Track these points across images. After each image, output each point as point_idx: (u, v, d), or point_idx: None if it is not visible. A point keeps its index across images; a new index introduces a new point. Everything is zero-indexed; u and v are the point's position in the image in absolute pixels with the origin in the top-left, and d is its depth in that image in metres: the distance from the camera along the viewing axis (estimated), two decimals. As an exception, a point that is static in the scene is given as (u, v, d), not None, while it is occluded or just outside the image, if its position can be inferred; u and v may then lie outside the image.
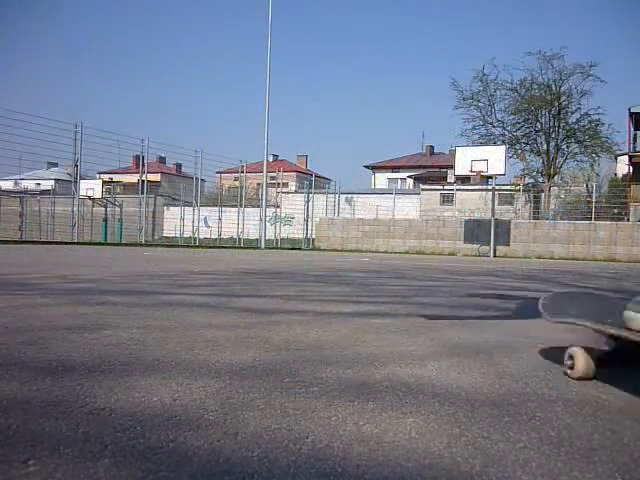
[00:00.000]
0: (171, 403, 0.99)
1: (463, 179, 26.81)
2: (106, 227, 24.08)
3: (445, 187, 34.57)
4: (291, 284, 4.07)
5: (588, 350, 1.25)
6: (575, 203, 26.14)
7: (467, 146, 21.71)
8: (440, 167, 45.98)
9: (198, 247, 19.27)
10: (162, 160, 42.33)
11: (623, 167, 32.18)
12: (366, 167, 55.09)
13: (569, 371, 1.26)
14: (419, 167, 49.85)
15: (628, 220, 21.68)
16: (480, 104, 29.02)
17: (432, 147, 55.21)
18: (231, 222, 23.48)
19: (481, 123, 29.31)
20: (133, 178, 27.09)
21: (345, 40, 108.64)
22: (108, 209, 24.89)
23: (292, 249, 20.13)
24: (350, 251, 19.20)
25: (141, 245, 18.37)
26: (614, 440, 0.87)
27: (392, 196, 24.84)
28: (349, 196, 30.50)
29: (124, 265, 6.11)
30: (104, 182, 26.65)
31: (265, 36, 20.44)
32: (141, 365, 1.27)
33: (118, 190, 33.78)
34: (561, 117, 28.44)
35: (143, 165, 20.61)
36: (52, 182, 33.55)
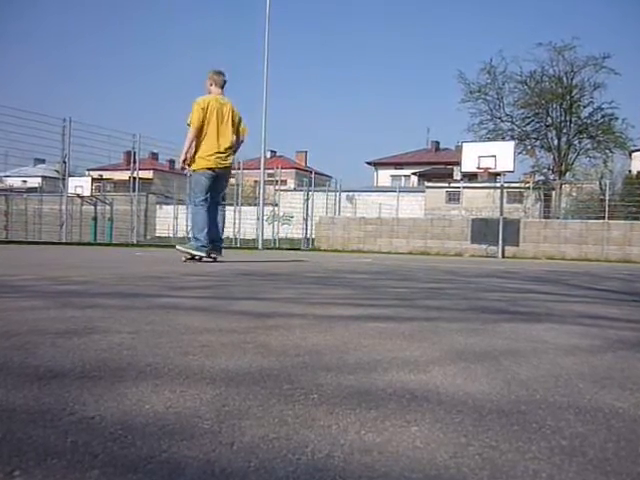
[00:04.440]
0: (164, 411, 0.99)
1: (470, 176, 26.80)
2: (96, 226, 24.09)
3: (451, 185, 34.59)
4: (290, 286, 4.07)
5: None
6: (587, 201, 26.15)
7: (474, 142, 21.74)
8: (446, 164, 46.02)
9: (192, 247, 19.23)
10: (154, 156, 42.33)
11: (638, 164, 32.17)
12: (368, 164, 55.16)
13: None
14: (424, 164, 49.89)
15: (643, 219, 21.62)
16: (488, 98, 29.09)
17: (437, 143, 55.28)
18: (227, 221, 23.47)
19: (489, 117, 29.39)
20: (124, 175, 27.08)
21: (346, 31, 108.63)
22: (98, 208, 24.90)
23: (291, 249, 20.14)
24: (352, 251, 19.20)
25: (132, 245, 18.37)
26: (629, 450, 0.87)
27: (395, 194, 24.86)
28: (350, 194, 30.52)
29: (115, 266, 6.11)
30: (94, 179, 26.65)
31: (263, 28, 20.46)
32: (133, 371, 1.27)
33: (108, 188, 33.79)
34: (573, 111, 28.45)
35: (135, 162, 20.60)
36: (39, 179, 33.57)
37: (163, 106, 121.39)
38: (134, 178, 20.66)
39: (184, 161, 6.92)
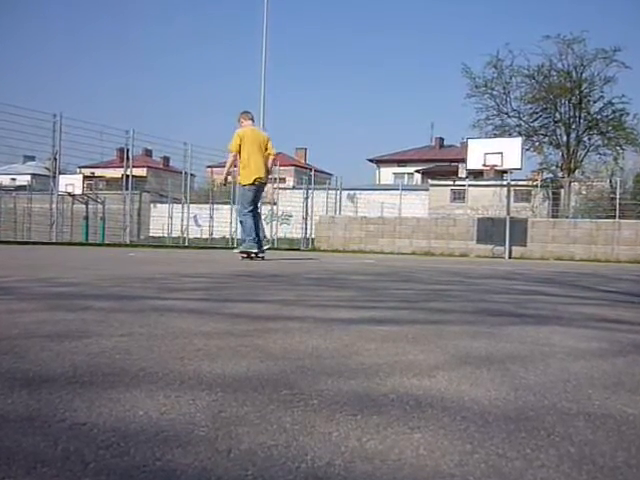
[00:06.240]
0: (158, 417, 0.99)
1: (476, 174, 26.77)
2: (87, 226, 24.06)
3: (456, 183, 34.59)
4: (289, 287, 4.08)
5: None
6: (597, 200, 26.10)
7: (480, 138, 21.73)
8: (451, 161, 46.00)
9: (188, 248, 19.28)
10: (148, 153, 42.32)
11: (650, 161, 32.09)
12: (370, 161, 55.17)
13: None
14: (428, 161, 49.87)
15: (655, 218, 21.60)
16: (494, 92, 29.04)
17: (442, 139, 55.24)
18: (224, 220, 23.46)
19: (495, 113, 29.34)
20: (117, 173, 27.08)
21: (346, 23, 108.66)
22: (90, 206, 24.86)
23: (290, 249, 20.14)
24: (353, 252, 19.20)
25: (126, 245, 18.36)
26: (640, 457, 0.87)
27: (398, 192, 24.84)
28: (352, 192, 30.53)
29: (107, 267, 6.12)
30: (85, 177, 26.60)
31: (261, 19, 20.48)
32: (126, 376, 1.27)
33: (100, 186, 33.79)
34: (582, 106, 28.38)
35: (128, 159, 20.57)
36: (29, 177, 33.54)
37: (158, 102, 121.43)
38: (127, 176, 20.62)
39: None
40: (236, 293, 3.52)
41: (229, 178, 9.62)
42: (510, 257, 17.24)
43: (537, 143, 29.41)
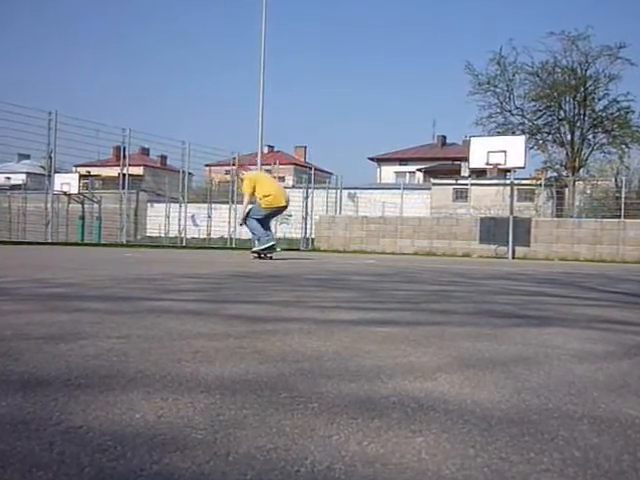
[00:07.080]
0: (155, 420, 0.99)
1: (478, 173, 26.76)
2: (83, 226, 24.06)
3: (458, 182, 34.58)
4: (289, 289, 4.08)
5: None
6: (602, 199, 26.09)
7: (483, 136, 21.71)
8: (453, 159, 46.02)
9: (185, 248, 19.28)
10: (145, 152, 42.34)
11: (655, 159, 32.06)
12: (371, 159, 55.20)
13: None
14: (430, 159, 49.88)
15: (661, 218, 21.56)
16: (497, 90, 29.02)
17: (444, 137, 55.25)
18: (222, 220, 23.45)
19: (498, 111, 29.32)
20: (113, 172, 27.04)
21: (347, 19, 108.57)
22: (86, 206, 24.87)
23: (290, 250, 20.14)
24: (353, 252, 19.21)
25: (122, 245, 18.37)
26: (645, 461, 0.87)
27: (400, 192, 24.84)
28: (352, 192, 30.50)
29: (103, 268, 6.12)
30: (81, 176, 26.60)
31: (260, 15, 20.47)
32: (122, 378, 1.27)
33: (97, 185, 33.81)
34: (587, 104, 28.36)
35: (124, 157, 20.56)
36: (23, 176, 33.51)
37: (155, 99, 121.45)
38: (124, 175, 20.62)
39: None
40: (234, 294, 3.52)
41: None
42: (513, 257, 17.24)
43: (541, 141, 29.41)
